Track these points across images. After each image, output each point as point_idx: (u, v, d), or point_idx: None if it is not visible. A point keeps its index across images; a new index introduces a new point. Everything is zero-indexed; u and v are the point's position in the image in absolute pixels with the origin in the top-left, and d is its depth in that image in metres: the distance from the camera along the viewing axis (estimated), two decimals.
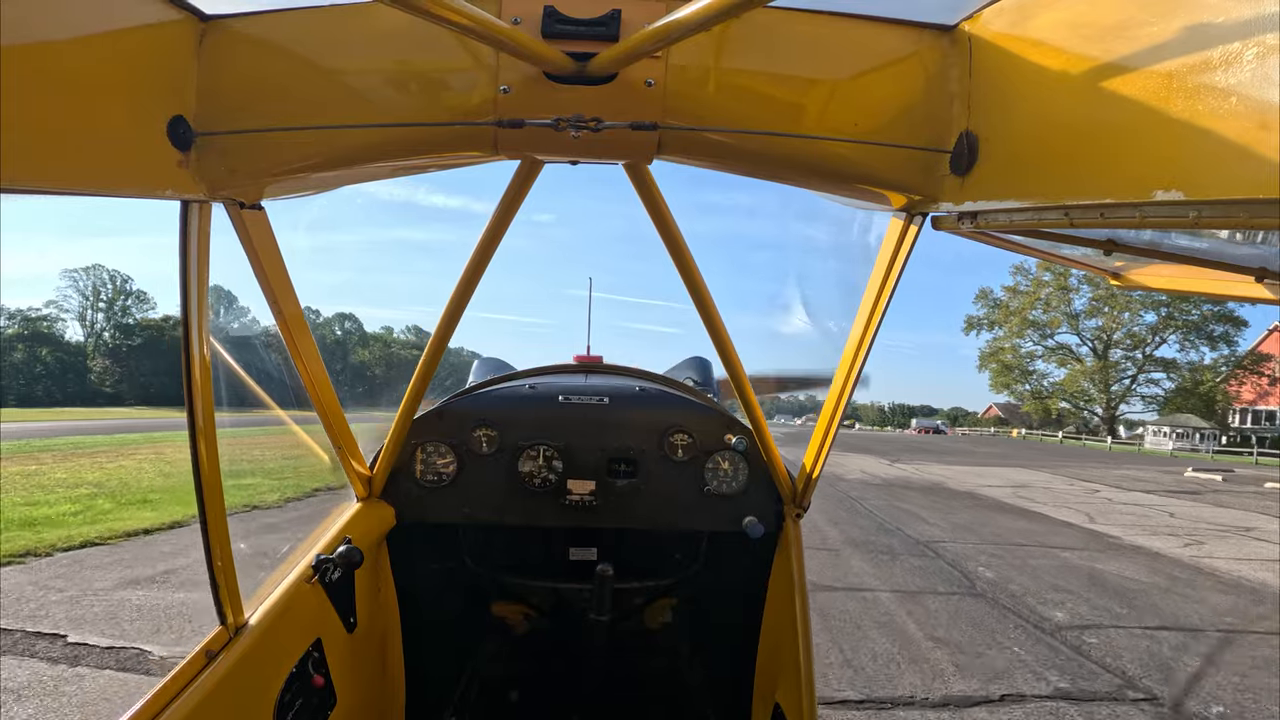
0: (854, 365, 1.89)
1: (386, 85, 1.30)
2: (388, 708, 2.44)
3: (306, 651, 1.81)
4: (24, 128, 0.93)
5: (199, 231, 1.39)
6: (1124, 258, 1.91)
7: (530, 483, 2.33)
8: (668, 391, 2.64)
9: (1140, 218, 1.01)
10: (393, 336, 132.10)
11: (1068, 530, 12.28)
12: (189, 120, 1.26)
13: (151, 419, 43.23)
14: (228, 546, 1.58)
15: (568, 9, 1.22)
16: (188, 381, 1.43)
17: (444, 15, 1.00)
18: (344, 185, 1.56)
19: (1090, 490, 19.32)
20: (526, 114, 1.25)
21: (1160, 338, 67.02)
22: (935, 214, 1.47)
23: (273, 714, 1.63)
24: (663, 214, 1.62)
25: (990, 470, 24.91)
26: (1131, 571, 9.03)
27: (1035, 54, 1.12)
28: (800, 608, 2.09)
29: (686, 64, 1.28)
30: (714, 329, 1.95)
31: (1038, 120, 1.12)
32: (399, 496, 2.32)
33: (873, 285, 1.76)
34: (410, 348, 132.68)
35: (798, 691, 1.96)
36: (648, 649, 2.90)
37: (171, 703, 1.37)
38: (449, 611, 2.67)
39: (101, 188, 1.12)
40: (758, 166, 1.41)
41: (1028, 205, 1.16)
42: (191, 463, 1.48)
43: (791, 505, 2.34)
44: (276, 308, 1.72)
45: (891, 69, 1.33)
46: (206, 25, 1.28)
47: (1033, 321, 72.79)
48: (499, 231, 1.67)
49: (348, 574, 1.97)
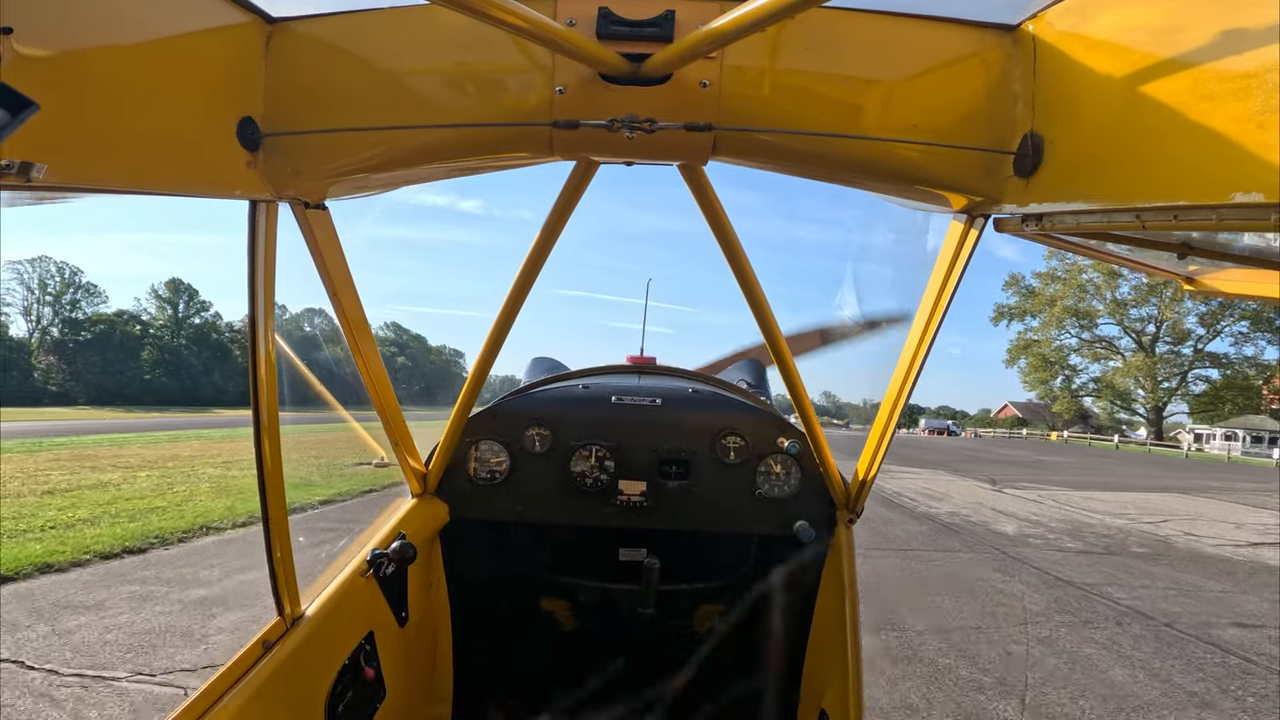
0: (912, 368, 1.85)
1: (446, 86, 1.32)
2: (436, 702, 2.48)
3: (359, 644, 1.85)
4: (104, 130, 0.99)
5: (266, 231, 1.43)
6: (1198, 262, 1.75)
7: (582, 482, 2.35)
8: (720, 393, 2.63)
9: (1217, 220, 0.96)
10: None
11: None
12: (257, 122, 1.30)
13: (103, 420, 40.10)
14: (287, 540, 1.61)
15: (622, 10, 1.22)
16: (253, 378, 1.48)
17: (500, 17, 1.01)
18: (404, 185, 1.58)
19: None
20: (582, 115, 1.25)
21: (1213, 330, 60.98)
22: (998, 216, 1.43)
23: (324, 705, 1.66)
24: (718, 216, 1.60)
25: (1154, 501, 18.08)
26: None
27: (1102, 54, 1.09)
28: (850, 614, 2.04)
29: (742, 64, 1.26)
30: (768, 331, 1.92)
31: (1106, 121, 1.09)
32: (452, 493, 2.37)
33: (932, 287, 1.72)
34: (385, 344, 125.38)
35: (845, 699, 1.89)
36: (695, 652, 2.85)
37: (229, 691, 1.42)
38: (498, 608, 2.70)
39: (176, 188, 1.16)
40: (815, 167, 1.38)
41: (1096, 207, 1.13)
42: (255, 458, 1.54)
43: (844, 510, 2.30)
44: (339, 306, 1.77)
45: (952, 69, 1.30)
46: (273, 28, 1.31)
47: (1073, 311, 66.71)
48: (555, 232, 1.68)
49: (401, 569, 2.02)
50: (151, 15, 1.05)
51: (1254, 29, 0.83)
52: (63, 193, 0.98)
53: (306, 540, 8.14)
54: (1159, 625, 6.71)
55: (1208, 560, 10.41)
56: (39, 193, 0.93)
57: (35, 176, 0.85)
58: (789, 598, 2.46)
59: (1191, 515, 15.61)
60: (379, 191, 1.62)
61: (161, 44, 1.08)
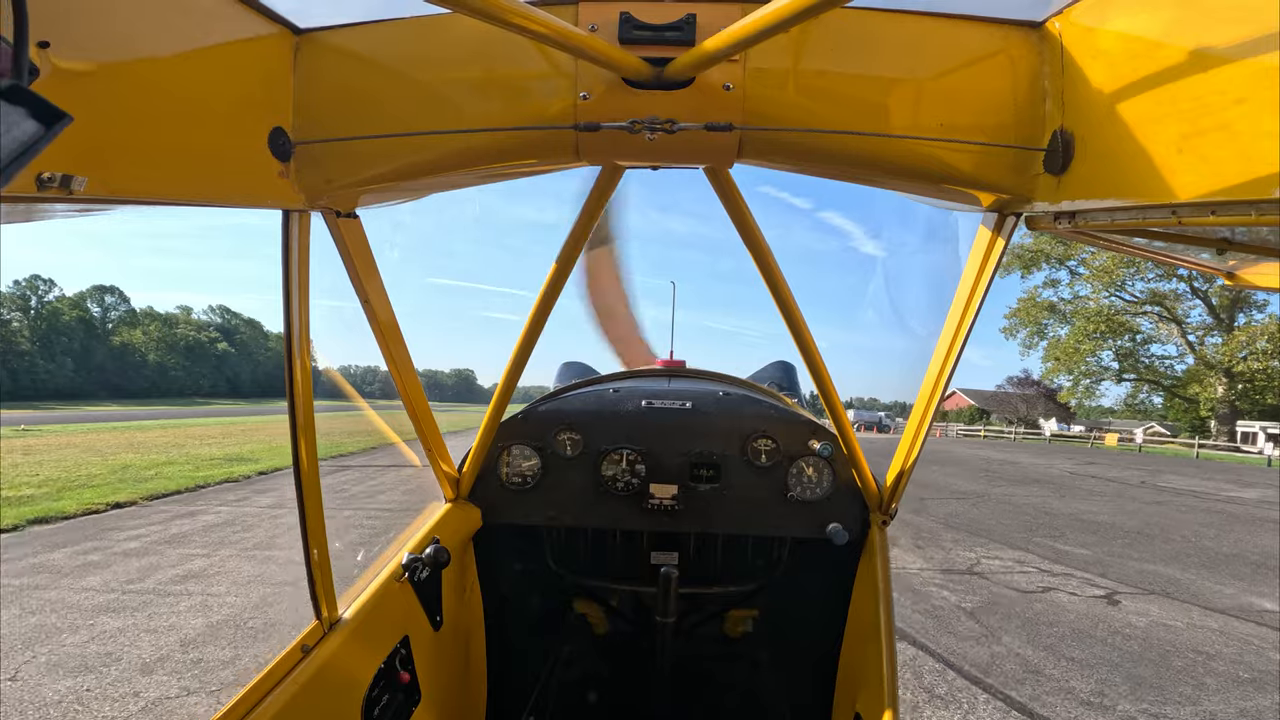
0: (945, 367, 1.83)
1: (471, 93, 1.33)
2: (470, 706, 2.49)
3: (395, 648, 1.86)
4: (141, 143, 1.01)
5: (299, 240, 1.46)
6: (1236, 256, 1.72)
7: (613, 486, 2.36)
8: (751, 396, 2.62)
9: (1256, 215, 0.95)
10: (189, 317, 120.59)
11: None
12: (288, 132, 1.32)
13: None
14: (324, 544, 1.63)
15: (644, 15, 1.23)
16: (290, 383, 1.50)
17: (523, 24, 1.02)
18: (433, 192, 1.61)
19: None
20: (605, 119, 1.26)
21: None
22: (1029, 214, 1.42)
23: (361, 708, 1.68)
24: (745, 218, 1.60)
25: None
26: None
27: (1131, 49, 1.08)
28: (885, 616, 2.02)
29: (764, 66, 1.26)
30: (798, 332, 1.91)
31: (1138, 117, 1.07)
32: (485, 498, 2.39)
33: (964, 286, 1.71)
34: (206, 329, 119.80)
35: (880, 702, 1.86)
36: (727, 656, 2.86)
37: (270, 694, 1.44)
38: (531, 612, 2.72)
39: (211, 199, 1.18)
40: (842, 168, 1.38)
41: (1131, 204, 1.12)
42: (292, 462, 1.56)
43: (878, 512, 2.29)
44: (371, 313, 1.78)
45: (977, 67, 1.29)
46: (301, 38, 1.34)
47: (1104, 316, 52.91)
48: (582, 236, 1.69)
49: (435, 573, 2.04)
50: (183, 29, 1.08)
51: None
52: (103, 205, 1.00)
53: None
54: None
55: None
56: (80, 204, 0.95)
57: (76, 189, 0.87)
58: (823, 600, 2.44)
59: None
60: (408, 199, 1.63)
61: (193, 56, 1.10)
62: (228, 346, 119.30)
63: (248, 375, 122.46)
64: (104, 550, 8.48)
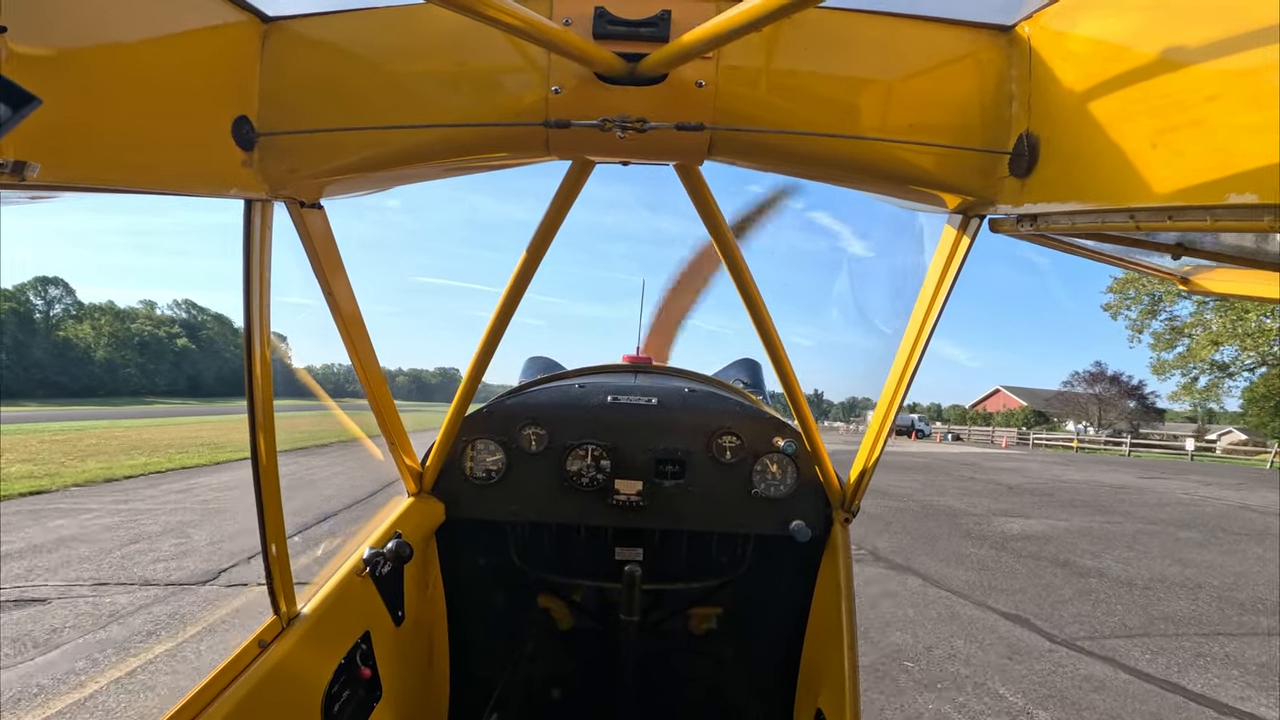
0: (907, 369, 1.84)
1: (442, 86, 1.31)
2: (432, 701, 2.46)
3: (355, 643, 1.84)
4: (99, 129, 0.98)
5: (261, 231, 1.43)
6: (1191, 262, 1.75)
7: (578, 482, 2.35)
8: (717, 393, 2.62)
9: (1211, 221, 0.96)
10: (151, 312, 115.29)
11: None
12: (252, 121, 1.29)
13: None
14: (283, 539, 1.60)
15: (618, 10, 1.22)
16: (249, 377, 1.48)
17: (496, 16, 1.01)
18: (400, 185, 1.58)
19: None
20: (577, 115, 1.25)
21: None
22: (993, 216, 1.43)
23: (321, 704, 1.65)
24: (714, 215, 1.60)
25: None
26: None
27: (1098, 54, 1.09)
28: (846, 613, 2.04)
29: (737, 65, 1.26)
30: (764, 330, 1.91)
31: (1101, 121, 1.08)
32: (449, 493, 2.37)
33: (927, 288, 1.72)
34: (169, 324, 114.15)
35: (841, 698, 1.89)
36: (691, 652, 2.86)
37: (225, 690, 1.40)
38: (495, 608, 2.70)
39: (170, 187, 1.15)
40: (811, 168, 1.38)
41: (1091, 208, 1.13)
42: (250, 457, 1.53)
43: (840, 510, 2.31)
44: (334, 305, 1.75)
45: (947, 69, 1.30)
46: (269, 27, 1.31)
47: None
48: (551, 231, 1.68)
49: (397, 568, 2.01)
50: (147, 14, 1.05)
51: (1248, 31, 0.83)
52: (56, 191, 0.97)
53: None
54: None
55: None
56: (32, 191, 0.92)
57: (29, 175, 0.84)
58: (785, 598, 2.45)
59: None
60: (375, 190, 1.61)
61: (157, 43, 1.07)
62: (188, 343, 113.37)
63: (212, 373, 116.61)
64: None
